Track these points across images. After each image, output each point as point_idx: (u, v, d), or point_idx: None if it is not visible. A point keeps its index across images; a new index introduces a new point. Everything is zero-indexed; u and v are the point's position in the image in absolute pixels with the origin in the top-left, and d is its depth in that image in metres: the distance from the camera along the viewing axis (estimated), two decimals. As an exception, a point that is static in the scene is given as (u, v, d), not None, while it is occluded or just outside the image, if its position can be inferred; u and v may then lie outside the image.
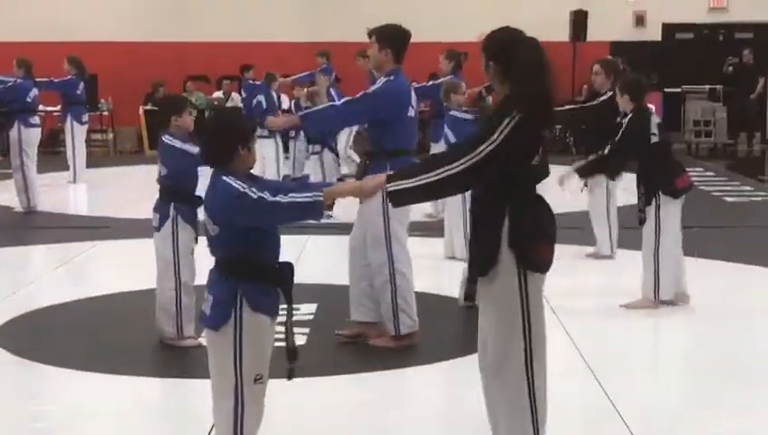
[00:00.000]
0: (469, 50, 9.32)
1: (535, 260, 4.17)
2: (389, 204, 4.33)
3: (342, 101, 6.97)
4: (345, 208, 7.76)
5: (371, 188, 4.27)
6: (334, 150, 12.31)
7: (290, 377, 4.21)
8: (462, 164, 4.10)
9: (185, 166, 6.60)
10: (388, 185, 4.17)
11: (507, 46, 4.20)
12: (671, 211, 7.66)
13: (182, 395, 6.09)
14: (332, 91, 13.11)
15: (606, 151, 7.83)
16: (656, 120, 7.84)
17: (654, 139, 7.68)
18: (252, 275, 4.12)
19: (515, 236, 4.13)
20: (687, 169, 8.08)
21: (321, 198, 4.04)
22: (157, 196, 6.80)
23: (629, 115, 7.76)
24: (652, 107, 8.31)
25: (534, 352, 4.17)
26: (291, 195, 4.05)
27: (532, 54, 4.15)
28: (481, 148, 4.09)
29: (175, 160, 6.63)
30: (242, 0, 21.86)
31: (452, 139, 8.89)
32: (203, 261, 5.00)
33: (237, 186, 4.04)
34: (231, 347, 4.09)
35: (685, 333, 7.43)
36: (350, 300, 6.93)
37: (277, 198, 4.02)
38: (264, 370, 4.15)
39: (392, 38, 6.70)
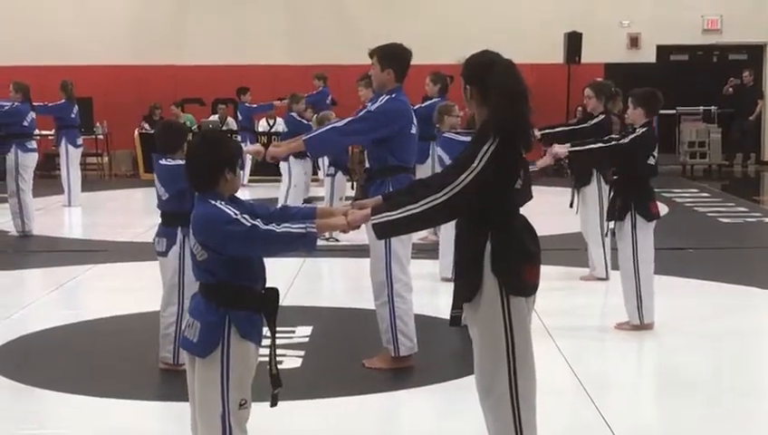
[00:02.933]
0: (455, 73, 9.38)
1: (518, 285, 4.14)
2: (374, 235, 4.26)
3: (345, 121, 6.77)
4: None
5: (356, 222, 4.18)
6: (348, 171, 12.25)
7: (273, 404, 4.15)
8: (445, 194, 4.07)
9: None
10: (372, 218, 4.13)
11: (484, 70, 4.18)
12: (648, 234, 7.66)
13: (176, 419, 6.04)
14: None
15: (608, 144, 7.65)
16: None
17: (651, 161, 7.67)
18: (240, 302, 4.03)
19: (497, 261, 4.11)
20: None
21: (315, 230, 3.98)
22: (155, 220, 6.64)
23: (643, 129, 7.59)
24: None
25: (519, 376, 4.15)
26: (284, 225, 3.97)
27: (508, 77, 4.12)
28: (462, 176, 4.07)
29: (182, 180, 6.27)
30: (237, 23, 21.92)
31: (447, 160, 8.89)
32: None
33: (230, 211, 3.96)
34: (218, 374, 4.00)
35: (679, 352, 7.42)
36: None
37: (270, 227, 3.94)
38: (247, 395, 4.08)
39: (394, 57, 6.65)
